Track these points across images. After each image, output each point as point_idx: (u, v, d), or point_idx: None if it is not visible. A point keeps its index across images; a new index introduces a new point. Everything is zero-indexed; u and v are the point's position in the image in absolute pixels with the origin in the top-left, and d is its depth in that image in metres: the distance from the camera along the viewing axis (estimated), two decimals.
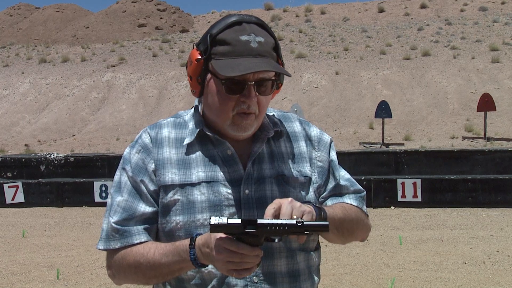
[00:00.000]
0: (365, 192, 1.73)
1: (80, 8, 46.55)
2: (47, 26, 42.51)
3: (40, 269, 6.50)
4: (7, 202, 11.38)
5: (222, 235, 1.34)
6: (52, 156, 12.34)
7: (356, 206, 1.66)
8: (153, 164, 1.55)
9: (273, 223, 1.36)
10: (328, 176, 1.67)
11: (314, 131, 1.70)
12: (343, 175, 1.71)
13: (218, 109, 1.52)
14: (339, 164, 1.74)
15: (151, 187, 1.54)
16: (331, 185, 1.67)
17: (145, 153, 1.56)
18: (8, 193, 11.42)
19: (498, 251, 6.88)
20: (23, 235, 8.52)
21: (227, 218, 1.33)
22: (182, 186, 1.52)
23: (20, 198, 11.45)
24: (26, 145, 20.32)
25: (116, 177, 1.59)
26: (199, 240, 1.41)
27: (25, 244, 7.95)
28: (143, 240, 1.51)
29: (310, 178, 1.63)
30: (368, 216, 1.73)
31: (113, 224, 1.53)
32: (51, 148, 19.34)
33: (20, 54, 34.77)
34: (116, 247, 1.52)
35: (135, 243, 1.51)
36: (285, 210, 1.36)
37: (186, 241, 1.43)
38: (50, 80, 27.70)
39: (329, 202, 1.66)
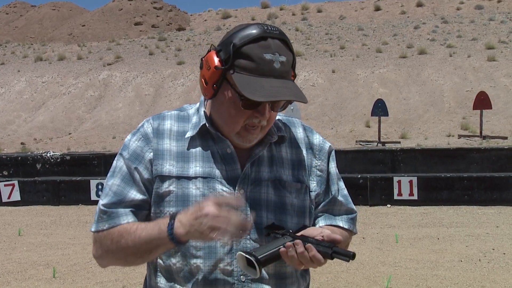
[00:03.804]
0: (356, 214, 1.75)
1: (76, 6, 46.44)
2: (43, 24, 42.39)
3: (36, 268, 6.49)
4: (3, 201, 11.35)
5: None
6: (48, 155, 12.32)
7: (347, 229, 1.69)
8: (151, 154, 1.57)
9: (307, 236, 1.44)
10: (327, 186, 1.68)
11: (317, 139, 1.71)
12: (342, 190, 1.72)
13: (229, 119, 1.53)
14: (339, 173, 1.75)
15: (145, 176, 1.56)
16: (327, 197, 1.68)
17: (145, 141, 1.59)
18: (4, 191, 11.39)
19: (494, 249, 6.90)
20: (19, 234, 8.51)
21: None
22: (178, 178, 1.54)
23: (16, 196, 11.42)
24: (22, 143, 20.26)
25: (114, 162, 1.62)
26: (181, 212, 1.43)
27: (21, 243, 7.94)
28: (130, 221, 1.54)
29: (307, 186, 1.64)
30: (355, 233, 1.76)
31: (101, 207, 1.56)
32: (47, 146, 19.28)
33: (16, 52, 34.66)
34: (104, 228, 1.55)
35: (122, 223, 1.53)
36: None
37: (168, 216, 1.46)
38: (46, 78, 27.62)
39: (321, 222, 1.67)
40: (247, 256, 1.37)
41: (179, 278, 1.54)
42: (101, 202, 1.57)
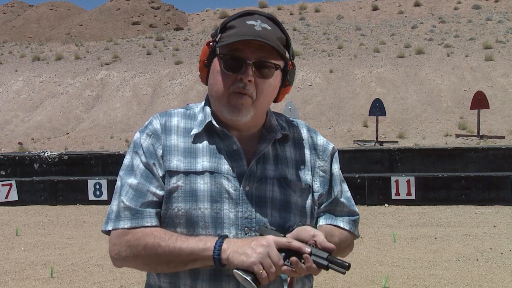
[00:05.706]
0: (358, 216, 1.75)
1: (74, 6, 46.37)
2: (40, 24, 42.32)
3: (33, 268, 6.49)
4: (0, 201, 11.34)
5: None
6: (46, 154, 12.30)
7: (348, 230, 1.69)
8: (161, 150, 1.58)
9: (301, 247, 1.43)
10: (329, 187, 1.70)
11: (320, 140, 1.73)
12: (345, 192, 1.73)
13: (216, 87, 1.56)
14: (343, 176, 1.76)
15: (160, 173, 1.56)
16: (329, 198, 1.69)
17: (155, 138, 1.59)
18: (2, 191, 11.38)
19: (491, 249, 6.91)
20: (17, 234, 8.50)
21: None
22: (187, 173, 1.55)
23: (13, 196, 11.41)
24: (19, 143, 20.24)
25: (127, 160, 1.60)
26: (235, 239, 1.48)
27: (19, 243, 7.93)
28: (154, 224, 1.52)
29: (310, 186, 1.65)
30: (357, 237, 1.76)
31: (126, 202, 1.52)
32: (45, 146, 19.27)
33: (13, 51, 34.59)
34: (126, 226, 1.51)
35: (145, 225, 1.51)
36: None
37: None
38: (44, 78, 27.57)
39: (322, 221, 1.67)
40: (243, 276, 1.39)
41: (184, 275, 1.53)
42: (122, 199, 1.53)
